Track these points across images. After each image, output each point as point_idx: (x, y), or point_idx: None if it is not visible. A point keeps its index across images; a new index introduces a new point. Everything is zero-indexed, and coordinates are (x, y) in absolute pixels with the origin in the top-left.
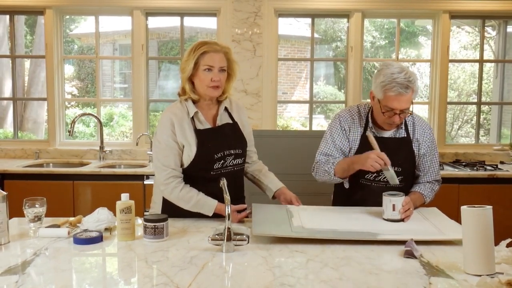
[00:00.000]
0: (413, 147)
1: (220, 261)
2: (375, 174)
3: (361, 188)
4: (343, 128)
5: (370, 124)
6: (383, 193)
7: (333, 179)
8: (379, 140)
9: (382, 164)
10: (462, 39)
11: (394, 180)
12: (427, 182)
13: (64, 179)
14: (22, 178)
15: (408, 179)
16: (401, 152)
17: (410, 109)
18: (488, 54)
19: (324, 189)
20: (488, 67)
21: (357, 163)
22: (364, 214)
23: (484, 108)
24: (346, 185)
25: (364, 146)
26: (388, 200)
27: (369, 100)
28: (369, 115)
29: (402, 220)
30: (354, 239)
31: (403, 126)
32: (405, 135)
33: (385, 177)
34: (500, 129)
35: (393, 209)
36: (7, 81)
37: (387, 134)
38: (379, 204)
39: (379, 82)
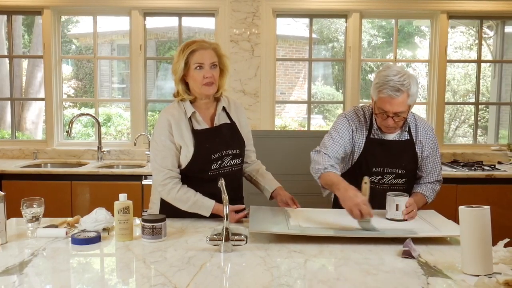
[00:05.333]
0: (416, 149)
1: (218, 262)
2: (379, 177)
3: None
4: (350, 126)
5: (375, 126)
6: (387, 193)
7: (315, 180)
8: (383, 142)
9: (358, 216)
10: (456, 39)
11: (371, 232)
12: (429, 182)
13: (62, 179)
14: (20, 179)
15: (411, 181)
16: (405, 154)
17: (405, 113)
18: (483, 54)
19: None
20: (484, 67)
21: (341, 196)
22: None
23: (480, 107)
24: (324, 194)
25: (368, 150)
26: (392, 199)
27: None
28: (373, 118)
29: (405, 220)
30: (352, 236)
31: (407, 128)
32: (408, 138)
33: (389, 180)
34: (498, 129)
35: (397, 209)
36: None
37: (391, 137)
38: (383, 206)
39: (374, 84)
